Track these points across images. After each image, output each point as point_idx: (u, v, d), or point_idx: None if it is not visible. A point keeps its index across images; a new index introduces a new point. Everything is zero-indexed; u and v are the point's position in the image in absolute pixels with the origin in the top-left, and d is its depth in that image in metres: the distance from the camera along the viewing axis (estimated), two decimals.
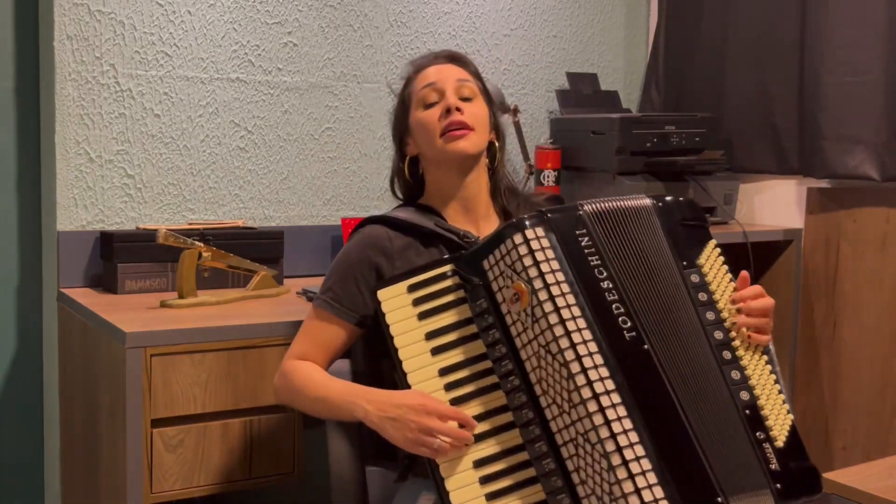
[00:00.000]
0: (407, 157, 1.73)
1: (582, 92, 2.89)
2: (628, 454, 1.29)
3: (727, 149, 2.76)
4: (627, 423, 1.30)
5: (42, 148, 2.34)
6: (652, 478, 1.28)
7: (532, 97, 2.91)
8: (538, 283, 1.36)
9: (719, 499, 1.31)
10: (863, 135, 2.50)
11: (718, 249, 1.50)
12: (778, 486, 1.35)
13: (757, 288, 1.49)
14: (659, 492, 1.28)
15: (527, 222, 1.41)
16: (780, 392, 1.42)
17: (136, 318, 1.89)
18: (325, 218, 2.58)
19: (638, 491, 1.27)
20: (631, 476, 1.28)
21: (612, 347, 1.35)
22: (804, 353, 2.70)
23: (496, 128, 1.75)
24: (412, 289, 1.47)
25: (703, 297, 1.44)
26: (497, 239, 1.42)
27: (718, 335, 1.42)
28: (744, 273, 1.49)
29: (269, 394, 1.91)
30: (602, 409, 1.30)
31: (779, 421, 1.40)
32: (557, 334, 1.34)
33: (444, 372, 1.42)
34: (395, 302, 1.46)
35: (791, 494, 1.36)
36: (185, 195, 2.38)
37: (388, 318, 1.46)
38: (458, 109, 1.63)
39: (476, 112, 1.67)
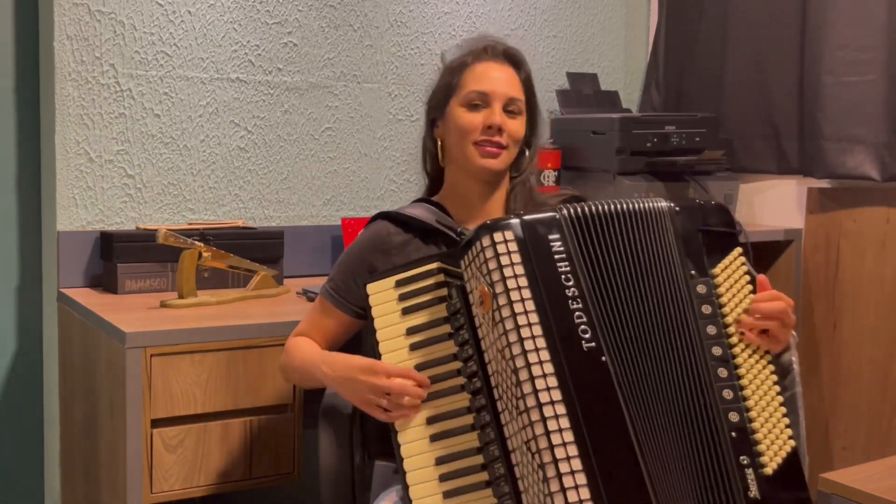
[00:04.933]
0: (437, 139, 1.71)
1: (582, 92, 2.89)
2: (563, 467, 1.27)
3: (727, 149, 2.76)
4: (568, 436, 1.28)
5: (42, 148, 2.34)
6: (585, 493, 1.26)
7: None
8: (499, 288, 1.35)
9: None
10: (863, 135, 2.50)
11: (743, 258, 1.43)
12: None
13: (772, 292, 1.42)
14: None
15: (499, 225, 1.39)
16: (783, 416, 1.36)
17: (136, 318, 1.89)
18: (325, 218, 2.58)
19: None
20: (563, 489, 1.26)
21: (568, 357, 1.32)
22: (804, 353, 2.70)
23: (531, 137, 1.72)
24: (399, 284, 1.49)
25: (706, 309, 1.38)
26: (471, 240, 1.41)
27: (717, 351, 1.37)
28: (761, 277, 1.43)
29: (269, 394, 1.91)
30: (544, 419, 1.28)
31: (774, 446, 1.34)
32: (511, 340, 1.32)
33: (418, 368, 1.44)
34: (383, 296, 1.49)
35: None
36: (185, 195, 2.38)
37: (374, 311, 1.49)
38: (500, 131, 1.62)
39: (516, 130, 1.65)
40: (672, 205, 1.44)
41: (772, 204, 2.81)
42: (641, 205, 1.43)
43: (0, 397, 2.37)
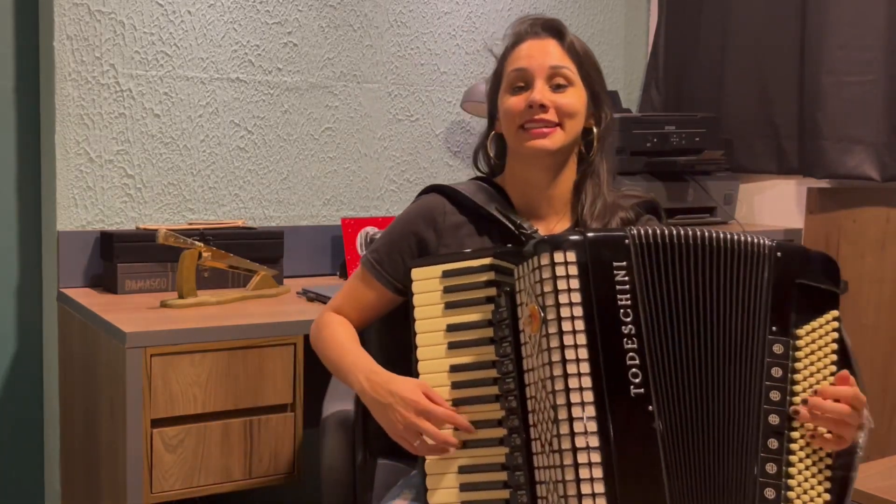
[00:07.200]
0: (493, 132, 1.59)
1: None
2: None
3: (727, 149, 2.76)
4: (598, 487, 1.21)
5: (42, 148, 2.34)
6: None
7: None
8: (551, 314, 1.25)
9: None
10: (863, 135, 2.50)
11: (837, 324, 1.29)
12: None
13: (847, 391, 1.27)
14: None
15: (561, 242, 1.27)
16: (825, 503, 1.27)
17: (136, 318, 1.89)
18: (325, 218, 2.58)
19: None
20: None
21: (612, 402, 1.23)
22: None
23: (596, 113, 1.56)
24: (447, 275, 1.39)
25: (777, 372, 1.27)
26: (531, 251, 1.30)
27: (774, 420, 1.26)
28: (843, 372, 1.28)
29: (269, 394, 1.91)
30: (576, 465, 1.22)
31: None
32: (555, 374, 1.24)
33: (454, 369, 1.37)
34: (427, 284, 1.41)
35: None
36: (185, 195, 2.38)
37: (416, 300, 1.40)
38: (542, 106, 1.46)
39: (567, 103, 1.49)
40: (773, 244, 1.30)
41: (772, 204, 2.81)
42: (741, 238, 1.30)
43: (0, 397, 2.37)
